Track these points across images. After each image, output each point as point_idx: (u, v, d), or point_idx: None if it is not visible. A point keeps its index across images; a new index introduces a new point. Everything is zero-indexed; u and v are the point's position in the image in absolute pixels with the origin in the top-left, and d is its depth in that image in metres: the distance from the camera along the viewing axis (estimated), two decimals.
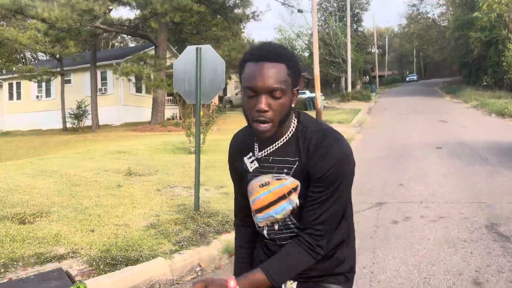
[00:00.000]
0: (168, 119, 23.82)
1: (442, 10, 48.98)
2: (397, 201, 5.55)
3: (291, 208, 1.28)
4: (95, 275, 3.35)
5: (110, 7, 18.83)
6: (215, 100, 28.90)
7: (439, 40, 43.06)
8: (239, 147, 1.40)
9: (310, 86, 38.16)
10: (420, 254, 3.71)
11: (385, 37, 63.60)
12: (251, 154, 1.35)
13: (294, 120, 1.30)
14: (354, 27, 43.80)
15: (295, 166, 1.25)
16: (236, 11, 22.59)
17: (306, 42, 45.92)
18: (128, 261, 3.57)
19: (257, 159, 1.32)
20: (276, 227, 1.32)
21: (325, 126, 1.29)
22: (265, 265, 1.24)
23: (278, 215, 1.30)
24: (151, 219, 4.75)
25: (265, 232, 1.35)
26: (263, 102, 1.17)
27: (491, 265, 3.40)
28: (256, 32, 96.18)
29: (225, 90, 38.70)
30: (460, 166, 7.65)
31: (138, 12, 21.80)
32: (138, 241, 4.04)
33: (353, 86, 37.75)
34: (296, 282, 1.34)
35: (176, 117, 25.47)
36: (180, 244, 4.12)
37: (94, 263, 3.51)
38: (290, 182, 1.26)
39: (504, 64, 25.57)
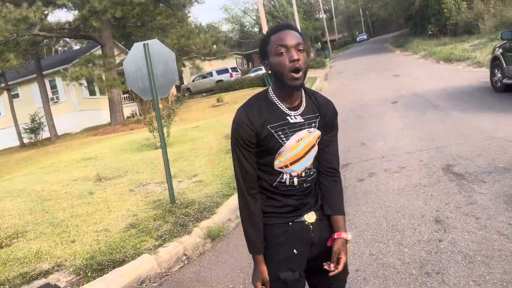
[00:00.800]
0: (128, 117, 23.40)
1: None
2: (361, 160, 5.85)
3: (315, 154, 1.66)
4: (84, 283, 3.43)
5: (46, 12, 18.01)
6: (173, 90, 28.55)
7: None
8: (262, 117, 1.57)
9: None
10: (387, 205, 3.99)
11: (330, 1, 64.04)
12: (287, 116, 1.58)
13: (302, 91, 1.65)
14: None
15: (318, 120, 1.62)
16: None
17: (254, 17, 45.63)
18: (114, 263, 3.66)
19: (295, 118, 1.60)
20: (303, 173, 1.63)
21: (320, 93, 1.73)
22: (336, 208, 1.68)
23: (308, 162, 1.62)
24: (129, 219, 4.82)
25: (295, 180, 1.61)
26: (295, 53, 1.49)
27: (450, 203, 3.72)
28: (202, 15, 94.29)
29: (181, 78, 38.18)
30: (415, 117, 8.07)
31: (76, 12, 20.97)
32: (121, 242, 4.12)
33: (307, 54, 38.03)
34: (314, 213, 1.68)
35: (136, 114, 25.04)
36: (163, 238, 4.23)
37: (81, 272, 3.58)
38: (316, 133, 1.62)
39: (445, 11, 26.44)
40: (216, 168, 6.84)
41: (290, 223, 1.62)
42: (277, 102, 1.58)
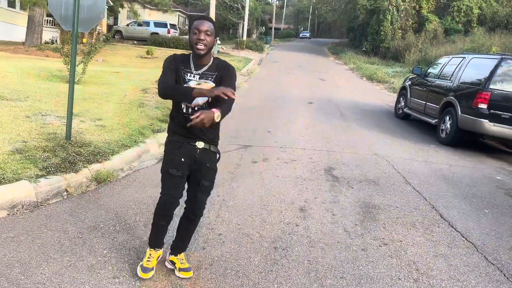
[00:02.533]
0: (47, 43, 21.59)
1: None
2: (262, 145, 6.27)
3: (207, 99, 2.43)
4: None
5: None
6: (103, 28, 26.83)
7: (333, 1, 45.32)
8: (181, 59, 2.54)
9: None
10: (267, 188, 4.42)
11: None
12: (191, 70, 2.50)
13: (211, 57, 2.54)
14: None
15: (214, 76, 2.49)
16: None
17: None
18: None
19: (196, 74, 2.49)
20: (196, 108, 2.46)
21: (226, 62, 2.62)
22: (220, 109, 2.36)
23: (200, 101, 2.43)
24: (17, 144, 4.67)
25: (190, 110, 2.48)
26: (203, 35, 2.42)
27: (318, 197, 4.25)
28: None
29: (116, 19, 35.99)
30: (322, 119, 8.74)
31: None
32: (1, 164, 4.02)
33: (249, 35, 38.19)
34: (202, 142, 2.54)
35: (56, 41, 23.17)
36: (47, 169, 4.20)
37: None
38: (210, 84, 2.46)
39: (382, 33, 28.32)
40: (123, 117, 6.80)
41: (185, 143, 2.52)
42: (191, 61, 2.53)
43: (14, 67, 10.70)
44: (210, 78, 2.48)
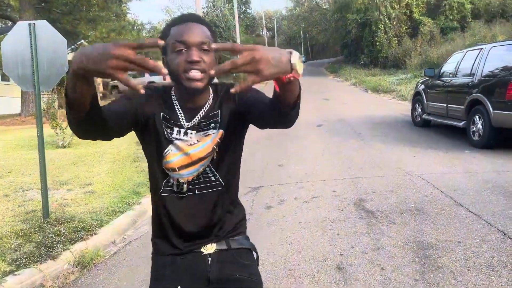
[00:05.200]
0: (43, 109, 21.35)
1: None
2: (274, 184, 5.40)
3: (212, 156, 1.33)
4: None
5: None
6: (100, 87, 26.71)
7: (323, 22, 45.25)
8: (160, 99, 1.34)
9: None
10: (289, 241, 3.52)
11: (274, 19, 65.24)
12: (179, 121, 1.32)
13: (210, 89, 1.36)
14: (243, 9, 43.95)
15: (219, 115, 1.33)
16: None
17: None
18: None
19: (190, 128, 1.32)
20: (196, 179, 1.33)
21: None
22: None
23: (202, 167, 1.32)
24: None
25: (185, 186, 1.32)
26: (195, 54, 1.20)
27: (356, 245, 3.33)
28: (143, 14, 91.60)
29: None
30: (336, 142, 7.88)
31: None
32: None
33: (218, 57, 37.99)
34: (214, 244, 1.36)
35: (53, 106, 22.95)
36: (18, 262, 3.39)
37: None
38: (217, 133, 1.32)
39: (377, 44, 27.78)
40: (116, 177, 6.03)
41: (182, 253, 1.34)
42: (176, 104, 1.33)
43: (3, 141, 10.14)
44: (213, 124, 1.33)
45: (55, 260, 3.53)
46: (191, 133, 1.32)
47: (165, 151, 1.31)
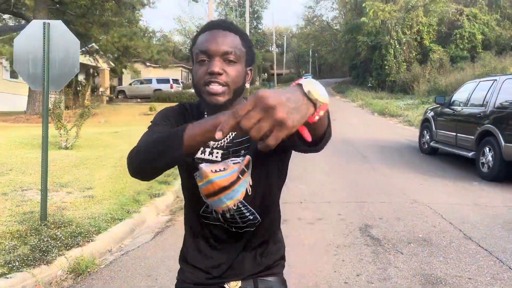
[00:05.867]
0: (49, 109, 21.37)
1: (335, 14, 52.06)
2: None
3: (244, 189, 1.18)
4: None
5: None
6: (107, 91, 26.80)
7: (332, 42, 45.56)
8: (193, 113, 1.25)
9: None
10: (292, 265, 3.39)
11: (284, 36, 65.75)
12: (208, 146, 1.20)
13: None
14: (254, 24, 44.32)
15: (249, 143, 1.18)
16: None
17: None
18: None
19: (216, 148, 1.19)
20: (227, 215, 1.20)
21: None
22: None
23: (229, 201, 1.18)
24: None
25: (220, 216, 1.21)
26: (217, 65, 1.09)
27: (361, 274, 3.20)
28: (155, 22, 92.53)
29: (120, 79, 36.31)
30: (342, 163, 7.77)
31: None
32: None
33: (252, 82, 38.16)
34: (240, 282, 1.25)
35: (59, 106, 22.98)
36: (10, 265, 3.27)
37: None
38: (243, 160, 1.17)
39: (386, 67, 27.87)
40: (117, 183, 5.93)
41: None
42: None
43: (6, 138, 10.06)
44: (243, 151, 1.19)
45: (49, 265, 3.41)
46: (217, 153, 1.19)
47: (195, 174, 1.20)
